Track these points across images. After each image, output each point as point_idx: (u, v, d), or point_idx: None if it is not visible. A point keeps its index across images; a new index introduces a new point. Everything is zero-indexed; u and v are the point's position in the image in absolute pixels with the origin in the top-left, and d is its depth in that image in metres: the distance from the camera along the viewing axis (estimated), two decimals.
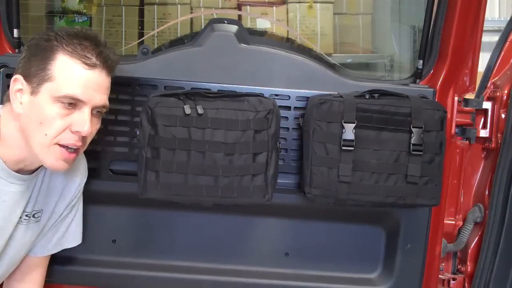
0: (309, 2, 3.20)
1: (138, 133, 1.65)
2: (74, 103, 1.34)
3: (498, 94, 1.97)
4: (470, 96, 1.98)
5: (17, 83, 1.38)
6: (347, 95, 1.69)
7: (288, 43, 2.62)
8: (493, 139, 1.97)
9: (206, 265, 1.93)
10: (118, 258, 1.93)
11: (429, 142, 1.66)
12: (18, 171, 1.43)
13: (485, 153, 2.04)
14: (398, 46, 3.05)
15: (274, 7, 3.23)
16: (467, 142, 1.97)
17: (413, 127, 1.64)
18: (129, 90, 1.75)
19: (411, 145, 1.64)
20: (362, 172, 1.65)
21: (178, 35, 3.05)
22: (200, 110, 1.60)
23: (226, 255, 1.94)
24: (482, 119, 1.99)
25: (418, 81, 1.85)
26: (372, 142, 1.65)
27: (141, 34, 3.01)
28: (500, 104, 1.97)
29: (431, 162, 1.67)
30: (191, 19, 3.11)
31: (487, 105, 1.99)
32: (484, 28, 1.85)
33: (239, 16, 3.06)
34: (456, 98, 1.86)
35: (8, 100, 1.41)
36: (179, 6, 3.14)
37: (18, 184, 1.43)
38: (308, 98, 1.75)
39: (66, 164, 1.39)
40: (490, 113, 1.98)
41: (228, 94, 1.68)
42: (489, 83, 2.05)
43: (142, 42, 2.83)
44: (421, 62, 1.84)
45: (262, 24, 3.17)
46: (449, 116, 1.80)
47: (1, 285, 1.64)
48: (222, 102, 1.63)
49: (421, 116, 1.65)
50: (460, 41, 1.81)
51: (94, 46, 1.37)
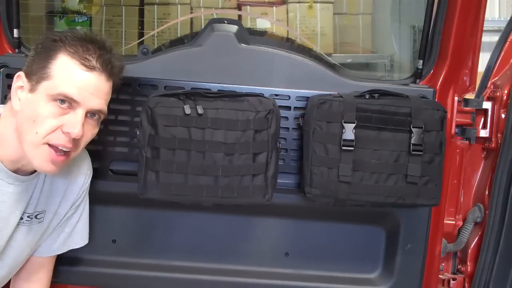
0: (309, 2, 3.20)
1: (138, 133, 1.65)
2: (69, 104, 1.34)
3: (498, 94, 1.97)
4: (470, 96, 1.98)
5: (19, 80, 1.38)
6: (347, 95, 1.69)
7: (288, 43, 2.62)
8: (493, 139, 1.97)
9: (206, 265, 1.93)
10: (118, 258, 1.93)
11: (429, 142, 1.66)
12: (16, 172, 1.42)
13: (485, 153, 2.04)
14: (398, 46, 3.05)
15: (274, 7, 3.23)
16: (467, 142, 1.97)
17: (413, 127, 1.64)
18: (129, 90, 1.75)
19: (411, 145, 1.64)
20: (362, 172, 1.65)
21: (178, 35, 3.05)
22: (200, 110, 1.60)
23: (226, 255, 1.94)
24: (482, 119, 1.99)
25: (418, 81, 1.85)
26: (372, 142, 1.65)
27: (141, 34, 3.01)
28: (500, 104, 1.97)
29: (431, 162, 1.67)
30: (191, 19, 3.11)
31: (487, 105, 1.99)
32: (484, 28, 1.85)
33: (239, 16, 3.06)
34: (456, 98, 1.86)
35: (10, 98, 1.41)
36: (179, 6, 3.14)
37: (16, 184, 1.43)
38: (308, 98, 1.75)
39: (53, 166, 1.36)
40: (490, 113, 1.98)
41: (228, 94, 1.68)
42: (489, 83, 2.05)
43: (142, 42, 2.83)
44: (421, 62, 1.84)
45: (262, 24, 3.17)
46: (449, 116, 1.80)
47: (7, 284, 1.64)
48: (222, 102, 1.63)
49: (421, 116, 1.65)
50: (460, 41, 1.81)
51: (96, 49, 1.37)
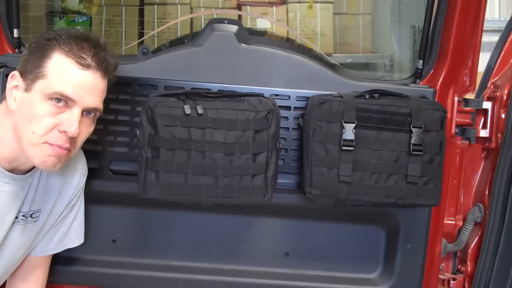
0: (309, 2, 3.20)
1: (138, 133, 1.65)
2: (65, 102, 1.34)
3: (498, 94, 1.97)
4: (470, 96, 1.98)
5: (14, 80, 1.38)
6: (347, 95, 1.69)
7: (288, 43, 2.62)
8: (493, 139, 1.97)
9: (206, 265, 1.93)
10: (118, 258, 1.93)
11: (429, 142, 1.66)
12: (12, 171, 1.42)
13: (485, 153, 2.04)
14: (398, 46, 3.05)
15: (274, 7, 3.23)
16: (467, 142, 1.97)
17: (413, 127, 1.64)
18: (129, 90, 1.75)
19: (411, 145, 1.64)
20: (362, 172, 1.65)
21: (178, 35, 3.05)
22: (200, 110, 1.60)
23: (226, 255, 1.94)
24: (482, 119, 1.99)
25: (418, 81, 1.85)
26: (372, 142, 1.65)
27: (141, 34, 3.01)
28: (500, 104, 1.97)
29: (431, 162, 1.67)
30: (191, 19, 3.11)
31: (487, 105, 1.99)
32: (484, 28, 1.85)
33: (239, 16, 3.06)
34: (456, 98, 1.86)
35: (5, 97, 1.40)
36: (179, 6, 3.14)
37: (11, 183, 1.43)
38: (308, 98, 1.75)
39: (56, 160, 1.36)
40: (490, 113, 1.98)
41: (228, 94, 1.68)
42: (489, 83, 2.05)
43: (142, 42, 2.83)
44: (421, 62, 1.84)
45: (262, 24, 3.17)
46: (449, 116, 1.80)
47: (3, 284, 1.64)
48: (222, 102, 1.63)
49: (421, 116, 1.65)
50: (460, 41, 1.81)
51: (91, 47, 1.37)
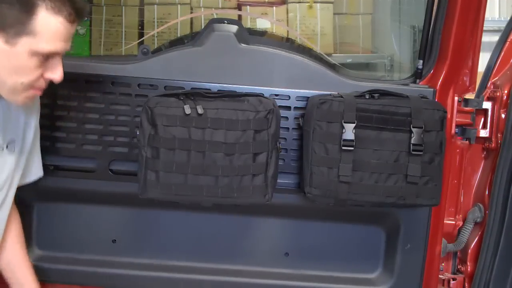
0: (309, 2, 3.20)
1: (138, 133, 1.65)
2: (52, 55, 1.35)
3: (498, 94, 1.97)
4: (470, 96, 1.98)
5: None
6: (347, 95, 1.69)
7: (288, 43, 2.62)
8: (493, 139, 1.97)
9: (206, 265, 1.93)
10: (118, 258, 1.93)
11: (429, 142, 1.66)
12: None
13: (485, 153, 2.04)
14: (398, 46, 3.05)
15: (274, 7, 3.23)
16: (467, 142, 1.97)
17: (413, 127, 1.64)
18: (129, 90, 1.75)
19: (411, 145, 1.64)
20: (362, 172, 1.65)
21: (178, 35, 3.05)
22: (200, 110, 1.60)
23: (226, 255, 1.94)
24: (482, 119, 1.99)
25: (418, 81, 1.85)
26: (372, 142, 1.65)
27: (141, 34, 3.02)
28: (500, 104, 1.97)
29: (431, 162, 1.67)
30: (191, 19, 3.11)
31: (487, 105, 1.98)
32: (484, 28, 1.85)
33: (239, 16, 3.06)
34: (456, 98, 1.86)
35: None
36: (179, 6, 3.14)
37: None
38: (308, 98, 1.75)
39: (32, 100, 1.43)
40: (490, 113, 1.98)
41: (228, 94, 1.68)
42: (489, 83, 2.05)
43: (142, 42, 2.83)
44: (421, 62, 1.84)
45: (262, 24, 3.17)
46: (449, 116, 1.80)
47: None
48: (222, 102, 1.63)
49: (421, 116, 1.65)
50: (460, 41, 1.81)
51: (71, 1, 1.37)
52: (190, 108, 1.60)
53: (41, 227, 1.91)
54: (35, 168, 1.66)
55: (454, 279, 2.04)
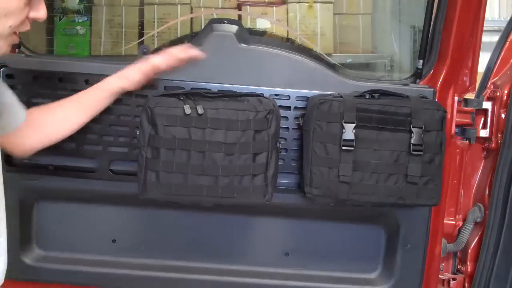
0: (309, 2, 3.20)
1: (138, 133, 1.65)
2: None
3: (498, 94, 1.98)
4: (470, 96, 1.98)
5: None
6: (347, 95, 1.69)
7: (288, 43, 2.62)
8: (493, 139, 1.98)
9: (206, 265, 1.93)
10: (118, 258, 1.93)
11: (429, 142, 1.66)
12: None
13: (485, 153, 2.05)
14: (398, 46, 3.05)
15: (274, 7, 3.22)
16: (467, 142, 1.97)
17: (413, 127, 1.64)
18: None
19: (411, 145, 1.64)
20: (362, 172, 1.65)
21: (178, 35, 3.05)
22: (200, 110, 1.60)
23: (226, 255, 1.94)
24: (482, 119, 2.00)
25: (418, 81, 1.85)
26: (372, 142, 1.65)
27: (141, 34, 3.01)
28: (500, 104, 1.97)
29: (431, 162, 1.67)
30: (191, 19, 3.11)
31: (487, 105, 1.99)
32: (484, 28, 1.85)
33: (239, 16, 3.06)
34: (456, 98, 1.86)
35: None
36: (179, 6, 3.13)
37: None
38: (308, 98, 1.75)
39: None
40: (490, 113, 1.98)
41: (228, 94, 1.68)
42: (489, 83, 2.05)
43: (142, 42, 2.83)
44: (421, 62, 1.84)
45: (262, 24, 3.17)
46: (449, 116, 1.80)
47: None
48: (222, 102, 1.63)
49: (421, 116, 1.65)
50: (460, 41, 1.81)
51: None
52: (190, 108, 1.60)
53: (41, 227, 1.91)
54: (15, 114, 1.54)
55: (454, 279, 2.04)
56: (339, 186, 1.65)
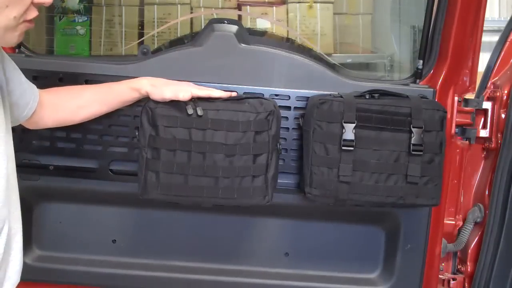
0: (309, 2, 3.20)
1: (137, 133, 1.65)
2: None
3: (498, 94, 1.98)
4: (470, 96, 1.98)
5: None
6: (347, 95, 1.69)
7: (288, 43, 2.62)
8: (493, 139, 1.98)
9: (206, 265, 1.93)
10: (118, 258, 1.93)
11: (429, 142, 1.66)
12: None
13: (485, 153, 2.05)
14: (398, 46, 3.05)
15: (274, 7, 3.22)
16: (467, 142, 1.97)
17: (413, 127, 1.64)
18: None
19: (411, 145, 1.64)
20: (362, 172, 1.65)
21: (178, 35, 3.05)
22: (200, 112, 1.60)
23: (226, 255, 1.94)
24: (482, 119, 2.00)
25: (418, 81, 1.85)
26: (372, 142, 1.65)
27: (141, 34, 3.01)
28: (500, 104, 1.97)
29: (431, 162, 1.67)
30: (191, 19, 3.11)
31: (487, 105, 1.99)
32: (484, 28, 1.85)
33: (239, 16, 3.06)
34: (456, 98, 1.86)
35: None
36: (179, 6, 3.14)
37: None
38: (308, 98, 1.75)
39: (23, 36, 1.31)
40: (490, 113, 1.98)
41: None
42: (489, 83, 2.05)
43: (142, 42, 2.83)
44: (421, 62, 1.84)
45: (262, 24, 3.17)
46: (449, 116, 1.80)
47: None
48: (223, 103, 1.63)
49: (421, 116, 1.65)
50: (460, 41, 1.81)
51: None
52: (191, 109, 1.60)
53: (41, 227, 1.91)
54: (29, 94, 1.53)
55: (454, 279, 2.05)
56: (339, 186, 1.65)
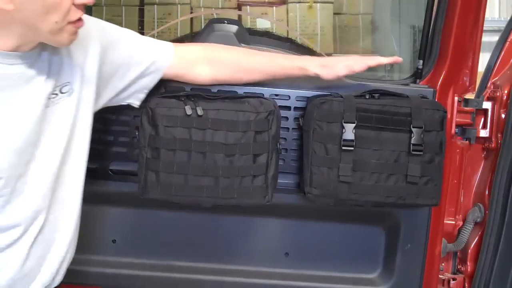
0: (309, 2, 3.21)
1: (137, 133, 1.65)
2: None
3: (498, 94, 1.97)
4: (470, 96, 1.98)
5: None
6: (347, 95, 1.69)
7: (288, 43, 2.62)
8: (493, 139, 1.97)
9: (206, 265, 1.93)
10: (118, 258, 1.93)
11: (429, 142, 1.66)
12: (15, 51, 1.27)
13: (485, 153, 2.04)
14: (398, 46, 3.05)
15: (274, 7, 3.23)
16: (467, 142, 1.97)
17: (413, 127, 1.64)
18: None
19: (411, 145, 1.64)
20: (362, 172, 1.65)
21: (178, 35, 3.06)
22: (199, 112, 1.60)
23: (226, 255, 1.94)
24: (482, 119, 1.99)
25: (418, 81, 1.85)
26: (372, 142, 1.65)
27: (141, 34, 3.01)
28: (500, 104, 1.97)
29: (431, 162, 1.67)
30: (191, 19, 3.12)
31: (487, 105, 1.98)
32: (484, 28, 1.85)
33: (239, 16, 3.07)
34: (456, 98, 1.86)
35: None
36: (179, 6, 3.14)
37: (20, 64, 1.26)
38: (308, 98, 1.75)
39: (76, 35, 1.29)
40: (490, 113, 1.98)
41: (228, 95, 1.67)
42: (489, 83, 2.05)
43: None
44: (421, 62, 1.84)
45: (262, 24, 3.18)
46: (449, 116, 1.80)
47: None
48: (223, 103, 1.63)
49: (421, 116, 1.65)
50: (460, 41, 1.81)
51: None
52: (191, 109, 1.60)
53: None
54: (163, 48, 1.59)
55: (454, 279, 2.04)
56: (339, 186, 1.65)
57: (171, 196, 1.63)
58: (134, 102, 1.61)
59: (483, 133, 1.98)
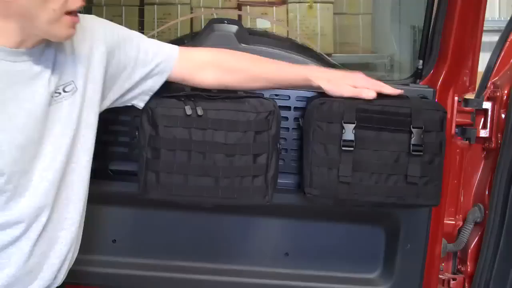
0: (309, 2, 3.21)
1: (137, 133, 1.65)
2: None
3: (498, 94, 1.97)
4: (470, 96, 1.98)
5: None
6: None
7: (288, 43, 2.62)
8: (493, 139, 1.97)
9: (206, 265, 1.93)
10: (118, 258, 1.93)
11: (429, 143, 1.65)
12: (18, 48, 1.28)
13: (485, 153, 2.04)
14: (398, 46, 3.05)
15: (274, 7, 3.23)
16: (467, 142, 1.97)
17: (413, 128, 1.64)
18: None
19: (411, 145, 1.64)
20: (362, 172, 1.64)
21: (178, 35, 3.06)
22: (199, 112, 1.60)
23: (226, 255, 1.94)
24: (482, 119, 1.99)
25: (418, 81, 1.85)
26: (372, 143, 1.64)
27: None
28: (500, 104, 1.97)
29: (431, 162, 1.66)
30: (191, 19, 3.12)
31: (487, 105, 1.98)
32: (484, 28, 1.85)
33: (239, 16, 3.07)
34: (456, 98, 1.86)
35: None
36: (179, 6, 3.14)
37: (21, 61, 1.27)
38: (308, 98, 1.75)
39: (74, 30, 1.29)
40: (490, 113, 1.98)
41: (229, 95, 1.67)
42: (489, 83, 2.05)
43: None
44: (421, 62, 1.84)
45: (262, 24, 3.18)
46: (449, 116, 1.80)
47: None
48: (223, 103, 1.63)
49: (421, 116, 1.65)
50: (460, 41, 1.81)
51: None
52: (191, 109, 1.60)
53: None
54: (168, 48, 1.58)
55: (454, 279, 2.04)
56: (339, 186, 1.65)
57: (171, 196, 1.63)
58: (139, 103, 1.62)
59: (483, 133, 1.98)
